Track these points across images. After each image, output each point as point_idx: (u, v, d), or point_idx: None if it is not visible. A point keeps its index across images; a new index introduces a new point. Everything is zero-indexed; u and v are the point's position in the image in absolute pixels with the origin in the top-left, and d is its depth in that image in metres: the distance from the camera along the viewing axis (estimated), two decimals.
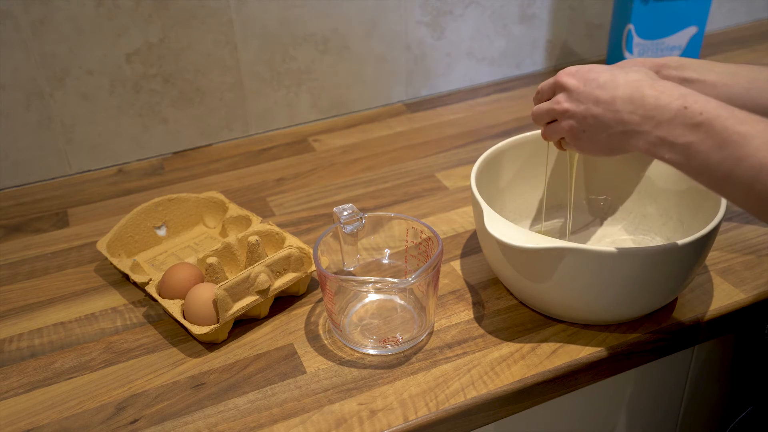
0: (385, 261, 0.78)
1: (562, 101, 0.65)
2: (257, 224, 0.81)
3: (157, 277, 0.76)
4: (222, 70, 1.03)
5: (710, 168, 0.54)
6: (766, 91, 0.68)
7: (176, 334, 0.73)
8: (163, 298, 0.73)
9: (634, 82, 0.60)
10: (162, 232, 0.85)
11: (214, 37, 1.00)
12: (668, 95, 0.57)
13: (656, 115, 0.57)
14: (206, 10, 0.98)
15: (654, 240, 0.80)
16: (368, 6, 1.07)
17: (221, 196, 0.87)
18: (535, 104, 0.69)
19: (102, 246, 0.80)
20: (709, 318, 0.72)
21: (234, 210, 0.85)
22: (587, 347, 0.69)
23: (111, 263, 0.79)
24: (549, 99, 0.68)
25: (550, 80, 0.67)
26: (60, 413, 0.65)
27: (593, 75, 0.62)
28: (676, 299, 0.74)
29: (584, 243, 0.81)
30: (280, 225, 0.86)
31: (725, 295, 0.74)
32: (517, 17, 1.18)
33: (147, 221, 0.84)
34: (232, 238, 0.78)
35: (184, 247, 0.85)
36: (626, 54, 1.15)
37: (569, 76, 0.64)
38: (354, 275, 0.77)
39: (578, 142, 0.65)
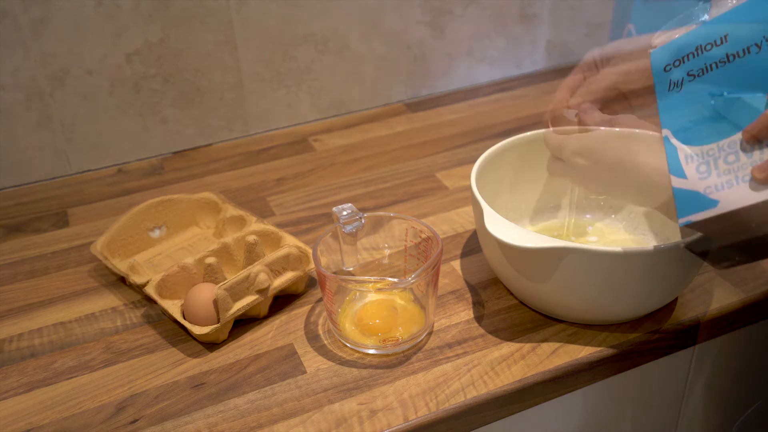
0: (385, 261, 0.78)
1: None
2: (254, 224, 0.81)
3: (155, 277, 0.75)
4: (222, 70, 1.03)
5: None
6: None
7: (176, 334, 0.73)
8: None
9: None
10: (157, 234, 0.85)
11: (214, 37, 1.00)
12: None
13: None
14: (206, 10, 0.98)
15: (654, 240, 0.80)
16: (368, 6, 1.07)
17: (215, 197, 0.87)
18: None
19: (96, 249, 0.79)
20: (709, 318, 0.72)
21: (230, 210, 0.84)
22: (587, 347, 0.69)
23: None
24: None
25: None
26: (60, 413, 0.65)
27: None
28: (676, 299, 0.74)
29: (584, 243, 0.81)
30: (279, 225, 0.86)
31: (725, 295, 0.74)
32: (517, 17, 1.18)
33: (142, 223, 0.83)
34: (229, 238, 0.78)
35: (180, 249, 0.84)
36: None
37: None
38: (354, 275, 0.77)
39: None
